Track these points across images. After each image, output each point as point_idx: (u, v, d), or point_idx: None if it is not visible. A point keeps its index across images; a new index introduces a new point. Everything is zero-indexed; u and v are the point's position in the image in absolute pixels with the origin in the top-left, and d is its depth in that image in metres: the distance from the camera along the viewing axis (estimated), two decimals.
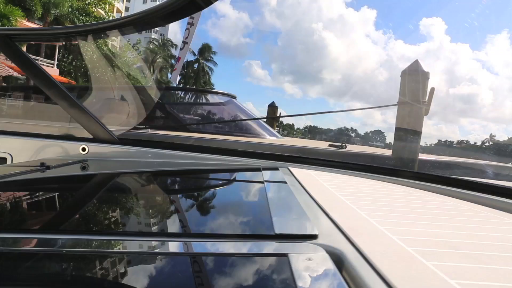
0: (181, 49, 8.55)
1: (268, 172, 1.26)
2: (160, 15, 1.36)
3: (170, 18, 1.39)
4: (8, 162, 1.71)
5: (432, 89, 3.32)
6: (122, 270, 0.46)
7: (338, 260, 0.47)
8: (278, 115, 8.24)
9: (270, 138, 4.98)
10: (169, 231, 0.67)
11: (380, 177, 1.40)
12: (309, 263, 0.44)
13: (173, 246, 0.54)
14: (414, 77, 3.23)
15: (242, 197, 0.96)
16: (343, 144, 5.08)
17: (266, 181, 1.01)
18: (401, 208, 0.81)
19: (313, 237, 0.54)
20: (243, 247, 0.52)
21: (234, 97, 4.86)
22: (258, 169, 1.36)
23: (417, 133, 3.12)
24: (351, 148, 4.93)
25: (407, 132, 3.16)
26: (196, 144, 1.78)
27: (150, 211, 0.83)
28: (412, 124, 3.17)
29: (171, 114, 3.39)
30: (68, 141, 1.74)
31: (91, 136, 1.74)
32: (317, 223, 0.63)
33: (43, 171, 1.26)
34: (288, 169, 1.39)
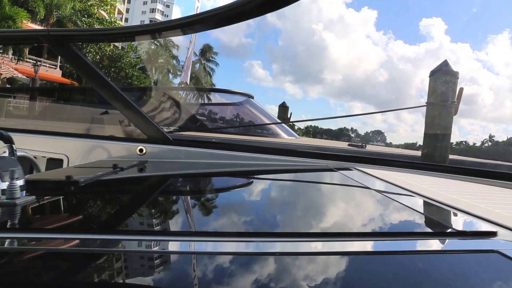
0: (188, 49, 8.48)
1: (347, 172, 1.26)
2: (230, 15, 1.35)
3: (240, 17, 1.39)
4: (65, 163, 1.71)
5: (461, 89, 3.33)
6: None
7: None
8: (289, 114, 8.26)
9: (289, 137, 4.99)
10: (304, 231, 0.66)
11: (446, 175, 1.42)
12: None
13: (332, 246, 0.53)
14: (443, 77, 3.24)
15: (357, 197, 0.95)
16: (363, 144, 5.09)
17: (360, 182, 1.01)
18: None
19: (493, 234, 0.55)
20: (429, 244, 0.52)
21: (252, 97, 4.86)
22: (330, 169, 1.36)
23: (448, 133, 3.14)
24: (371, 148, 4.94)
25: (438, 132, 3.17)
26: (251, 144, 1.78)
27: (260, 214, 0.82)
28: (443, 124, 3.18)
29: (202, 115, 3.39)
30: (123, 142, 1.74)
31: (145, 137, 1.74)
32: (474, 220, 0.63)
33: (117, 172, 1.26)
34: (357, 169, 1.39)
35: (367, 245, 0.52)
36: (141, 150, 1.69)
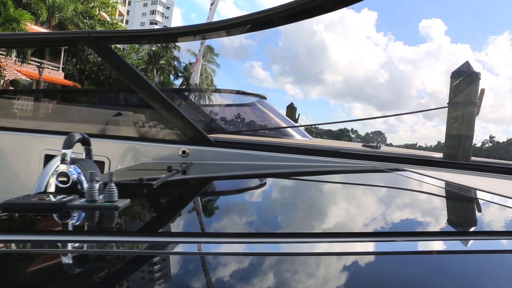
0: (199, 50, 8.40)
1: (402, 173, 1.26)
2: (283, 15, 1.35)
3: (294, 18, 1.38)
4: (106, 166, 1.70)
5: (482, 90, 3.34)
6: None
7: None
8: (297, 115, 8.24)
9: (303, 138, 4.98)
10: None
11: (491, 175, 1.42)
12: None
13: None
14: (465, 78, 3.25)
15: (434, 199, 0.94)
16: (377, 145, 5.09)
17: (427, 182, 1.01)
18: None
19: None
20: None
21: (265, 98, 4.85)
22: (381, 170, 1.36)
23: (471, 134, 3.15)
24: (385, 149, 4.95)
25: (460, 133, 3.17)
26: (291, 146, 1.78)
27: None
28: (465, 125, 3.19)
29: (228, 116, 3.40)
30: (164, 144, 1.73)
31: (186, 139, 1.74)
32: None
33: (174, 174, 1.24)
34: (408, 170, 1.38)
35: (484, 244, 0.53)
36: (184, 152, 1.68)
